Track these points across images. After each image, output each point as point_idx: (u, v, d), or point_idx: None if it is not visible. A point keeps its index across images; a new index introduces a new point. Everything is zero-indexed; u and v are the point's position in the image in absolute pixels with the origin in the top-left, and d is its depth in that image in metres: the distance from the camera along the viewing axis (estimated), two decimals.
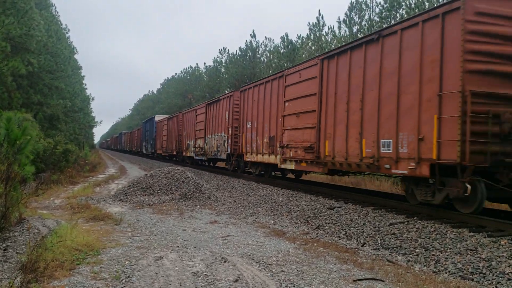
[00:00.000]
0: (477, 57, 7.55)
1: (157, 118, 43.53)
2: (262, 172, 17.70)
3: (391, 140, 9.09)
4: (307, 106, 12.71)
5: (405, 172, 8.67)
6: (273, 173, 17.73)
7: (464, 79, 7.45)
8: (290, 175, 18.99)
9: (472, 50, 7.52)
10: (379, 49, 9.60)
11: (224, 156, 21.23)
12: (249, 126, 17.67)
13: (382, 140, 9.39)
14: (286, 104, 14.19)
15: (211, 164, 27.63)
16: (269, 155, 15.56)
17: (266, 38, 42.85)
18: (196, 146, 26.88)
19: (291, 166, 13.88)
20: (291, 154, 13.62)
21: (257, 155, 16.78)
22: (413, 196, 9.15)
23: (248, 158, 17.77)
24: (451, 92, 7.68)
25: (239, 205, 12.47)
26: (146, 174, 14.80)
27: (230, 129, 20.14)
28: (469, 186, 7.42)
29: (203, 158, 25.41)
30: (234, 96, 20.24)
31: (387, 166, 9.17)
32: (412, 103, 8.54)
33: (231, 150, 19.95)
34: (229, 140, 20.07)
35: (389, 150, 9.13)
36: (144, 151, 49.11)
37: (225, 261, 6.04)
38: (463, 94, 7.42)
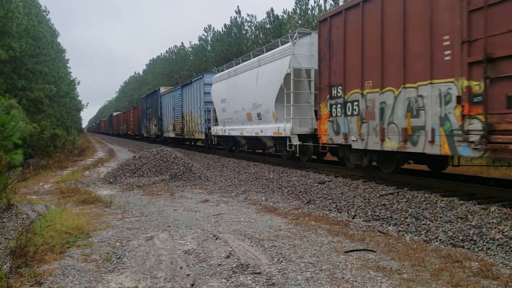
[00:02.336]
0: None
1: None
2: None
3: None
4: None
5: None
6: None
7: None
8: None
9: None
10: None
11: None
12: None
13: None
14: None
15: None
16: None
17: (248, 15, 42.12)
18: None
19: None
20: None
21: None
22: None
23: None
24: None
25: (230, 184, 12.45)
26: (135, 156, 14.69)
27: None
28: None
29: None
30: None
31: None
32: None
33: None
34: None
35: None
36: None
37: (216, 239, 6.03)
38: None
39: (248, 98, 16.05)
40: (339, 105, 10.69)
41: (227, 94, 18.41)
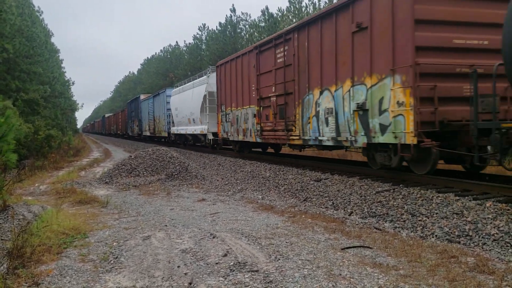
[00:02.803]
0: None
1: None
2: None
3: None
4: None
5: None
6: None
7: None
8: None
9: None
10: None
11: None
12: None
13: None
14: None
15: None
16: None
17: (243, 13, 42.07)
18: None
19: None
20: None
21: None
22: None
23: None
24: None
25: (226, 182, 12.46)
26: (131, 156, 14.67)
27: None
28: None
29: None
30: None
31: None
32: None
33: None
34: None
35: None
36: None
37: (213, 237, 6.04)
38: None
39: (188, 108, 23.78)
40: (224, 116, 18.42)
41: (178, 105, 26.02)
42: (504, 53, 6.52)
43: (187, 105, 23.80)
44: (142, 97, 40.79)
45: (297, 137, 12.21)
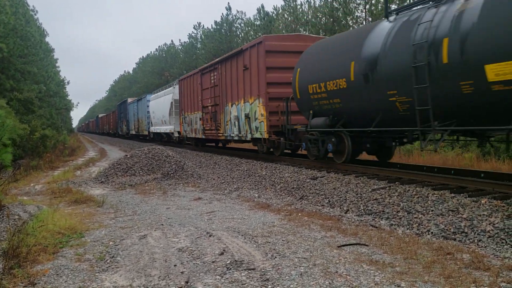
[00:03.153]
0: None
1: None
2: None
3: None
4: None
5: None
6: None
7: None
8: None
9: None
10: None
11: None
12: None
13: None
14: None
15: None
16: None
17: (238, 12, 42.13)
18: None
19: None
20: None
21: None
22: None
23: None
24: None
25: (223, 181, 12.46)
26: (127, 155, 14.63)
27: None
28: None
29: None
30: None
31: None
32: None
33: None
34: None
35: None
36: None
37: (210, 236, 6.04)
38: None
39: (161, 112, 28.98)
40: (183, 118, 23.88)
41: (155, 108, 31.20)
42: (293, 87, 12.11)
43: (160, 108, 29.15)
44: (129, 100, 46.33)
45: (222, 134, 17.87)
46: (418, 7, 8.49)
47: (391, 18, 9.07)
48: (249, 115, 14.54)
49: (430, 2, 8.04)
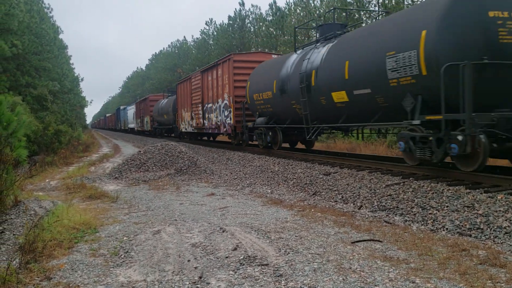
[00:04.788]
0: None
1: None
2: None
3: None
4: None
5: None
6: None
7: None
8: None
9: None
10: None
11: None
12: None
13: None
14: None
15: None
16: None
17: (252, 6, 42.06)
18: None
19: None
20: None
21: None
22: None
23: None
24: None
25: (235, 177, 12.47)
26: (140, 151, 14.72)
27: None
28: None
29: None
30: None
31: None
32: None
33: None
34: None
35: None
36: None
37: (223, 231, 6.05)
38: None
39: (130, 117, 48.88)
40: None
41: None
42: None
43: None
44: (121, 107, 65.11)
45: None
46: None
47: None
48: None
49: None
